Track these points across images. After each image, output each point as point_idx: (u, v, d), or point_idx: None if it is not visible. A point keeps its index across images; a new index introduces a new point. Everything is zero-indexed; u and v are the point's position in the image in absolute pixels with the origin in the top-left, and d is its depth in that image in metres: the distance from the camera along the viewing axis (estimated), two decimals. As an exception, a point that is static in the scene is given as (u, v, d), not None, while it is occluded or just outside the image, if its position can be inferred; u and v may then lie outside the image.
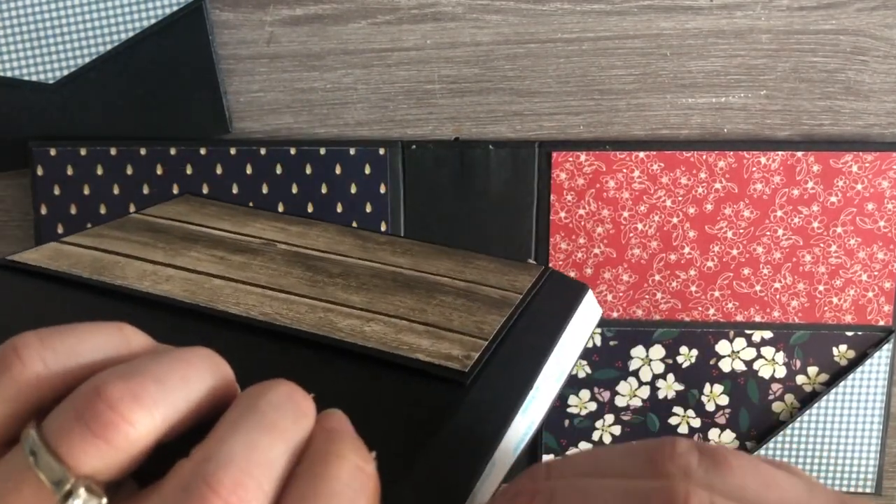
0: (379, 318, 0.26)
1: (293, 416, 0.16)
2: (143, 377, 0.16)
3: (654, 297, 0.50)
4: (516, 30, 0.49)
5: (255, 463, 0.15)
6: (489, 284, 0.30)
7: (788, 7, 0.48)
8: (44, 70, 0.49)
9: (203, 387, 0.17)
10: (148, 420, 0.15)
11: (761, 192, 0.49)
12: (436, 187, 0.50)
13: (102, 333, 0.17)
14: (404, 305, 0.27)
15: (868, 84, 0.49)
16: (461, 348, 0.24)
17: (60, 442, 0.15)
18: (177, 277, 0.27)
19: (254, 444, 0.15)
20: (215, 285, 0.27)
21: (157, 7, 0.48)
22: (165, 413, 0.16)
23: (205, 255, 0.29)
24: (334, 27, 0.49)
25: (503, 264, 0.32)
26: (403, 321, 0.26)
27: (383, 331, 0.25)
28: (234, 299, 0.26)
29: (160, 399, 0.16)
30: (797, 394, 0.51)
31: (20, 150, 0.50)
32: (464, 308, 0.27)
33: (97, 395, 0.15)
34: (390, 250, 0.32)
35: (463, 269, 0.31)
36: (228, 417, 0.16)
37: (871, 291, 0.50)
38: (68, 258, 0.28)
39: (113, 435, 0.15)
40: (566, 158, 0.49)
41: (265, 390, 0.17)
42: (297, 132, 0.50)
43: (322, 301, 0.26)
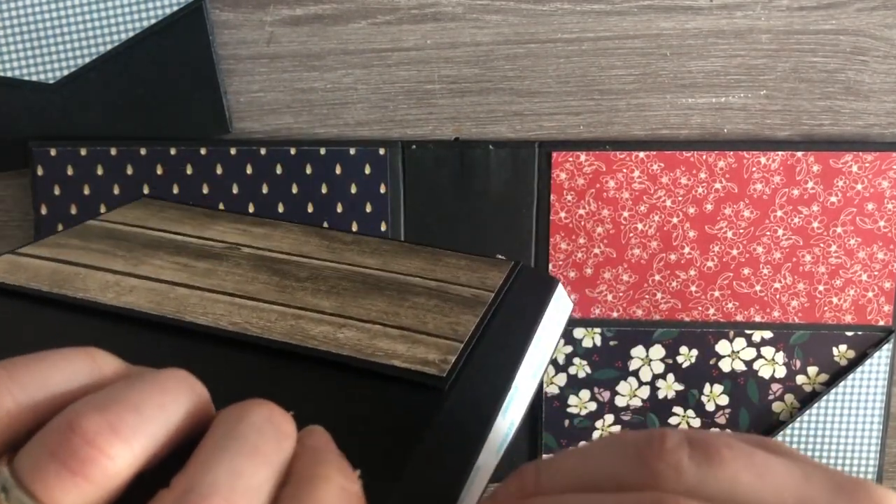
0: (351, 324, 0.25)
1: (275, 439, 0.16)
2: (120, 407, 0.15)
3: (654, 297, 0.50)
4: (516, 30, 0.49)
5: (239, 491, 0.15)
6: (460, 283, 0.29)
7: (788, 7, 0.48)
8: (44, 70, 0.49)
9: (180, 412, 0.16)
10: (127, 452, 0.15)
11: (761, 192, 0.49)
12: (436, 187, 0.50)
13: (73, 361, 0.17)
14: (376, 309, 0.26)
15: (868, 84, 0.49)
16: (437, 352, 0.24)
17: (35, 479, 0.14)
18: (141, 288, 0.26)
19: (237, 471, 0.15)
20: (181, 294, 0.26)
21: (157, 7, 0.48)
22: (144, 443, 0.15)
23: (168, 263, 0.28)
24: (334, 27, 0.49)
25: (472, 261, 0.32)
26: (377, 325, 0.25)
27: (357, 337, 0.24)
28: (202, 309, 0.25)
29: (138, 429, 0.15)
30: (797, 394, 0.51)
31: (20, 150, 0.50)
32: (437, 309, 0.27)
33: (72, 430, 0.14)
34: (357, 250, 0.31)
35: (433, 268, 0.30)
36: (209, 443, 0.16)
37: (871, 291, 0.50)
38: (25, 271, 0.27)
39: (91, 470, 0.14)
40: (566, 158, 0.49)
41: (245, 413, 0.16)
42: (298, 132, 0.50)
43: (292, 307, 0.26)
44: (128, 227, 0.32)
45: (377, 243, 0.32)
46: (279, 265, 0.29)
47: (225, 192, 0.50)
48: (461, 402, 0.22)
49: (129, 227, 0.32)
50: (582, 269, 0.50)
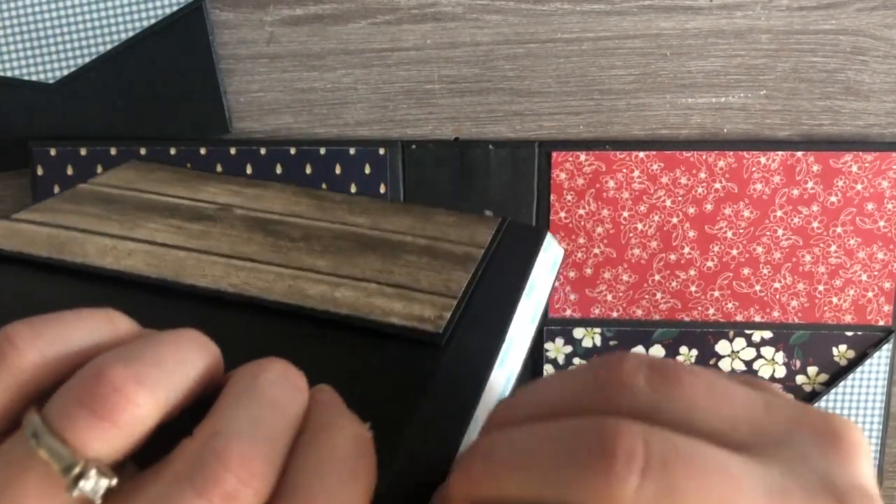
0: (347, 283, 0.25)
1: (291, 392, 0.17)
2: (143, 360, 0.16)
3: (653, 297, 0.50)
4: (516, 30, 0.49)
5: (260, 438, 0.16)
6: (450, 240, 0.30)
7: (788, 7, 0.48)
8: (44, 70, 0.49)
9: (197, 367, 0.17)
10: (150, 401, 0.16)
11: (761, 192, 0.49)
12: (436, 187, 0.50)
13: (92, 320, 0.17)
14: (371, 268, 0.27)
15: (868, 84, 0.49)
16: (432, 309, 0.24)
17: (65, 425, 0.15)
18: (138, 251, 0.27)
19: (257, 419, 0.16)
20: (178, 257, 0.26)
21: (157, 7, 0.48)
22: (166, 394, 0.16)
23: (162, 226, 0.29)
24: (334, 27, 0.49)
25: (461, 217, 0.32)
26: (372, 284, 0.26)
27: (354, 296, 0.25)
28: (200, 271, 0.25)
29: (160, 381, 0.16)
30: (797, 394, 0.51)
31: (20, 150, 0.50)
32: (429, 267, 0.27)
33: (99, 379, 0.15)
34: (348, 209, 0.32)
35: (423, 226, 0.31)
36: (229, 395, 0.17)
37: (870, 291, 0.50)
38: (22, 236, 0.27)
39: (118, 416, 0.15)
40: (566, 158, 0.49)
41: (262, 369, 0.17)
42: (297, 132, 0.50)
43: (288, 268, 0.26)
44: (119, 189, 0.32)
45: (367, 202, 0.33)
46: (272, 226, 0.29)
47: (225, 192, 0.50)
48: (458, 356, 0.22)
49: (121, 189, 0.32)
50: (582, 269, 0.50)
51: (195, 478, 0.15)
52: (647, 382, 0.16)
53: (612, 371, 0.16)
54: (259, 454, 0.15)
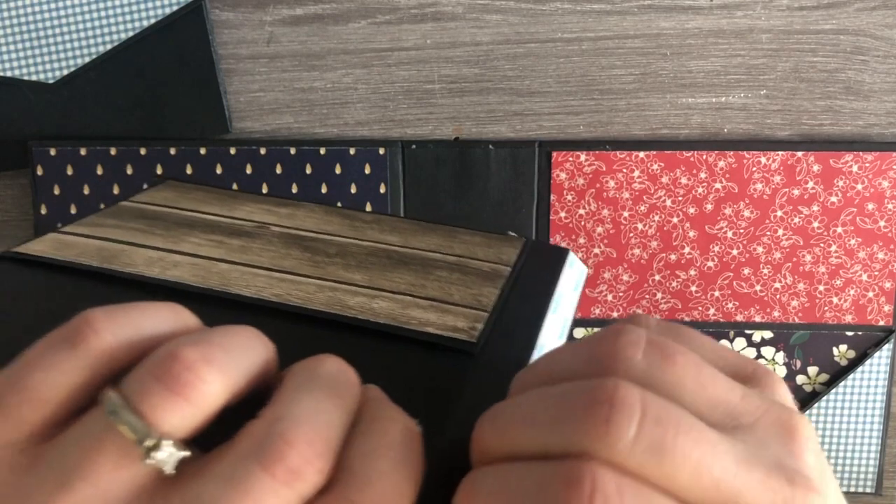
0: (384, 295, 0.27)
1: (346, 386, 0.18)
2: (212, 345, 0.17)
3: (654, 296, 0.50)
4: (516, 30, 0.49)
5: (322, 423, 0.17)
6: (478, 258, 0.31)
7: (788, 7, 0.48)
8: (44, 70, 0.49)
9: (259, 358, 0.18)
10: (220, 381, 0.17)
11: (761, 192, 0.49)
12: (436, 187, 0.50)
13: (161, 310, 0.19)
14: (404, 282, 0.28)
15: (868, 84, 0.49)
16: (465, 320, 0.26)
17: (141, 400, 0.16)
18: (184, 263, 0.28)
19: (318, 407, 0.17)
20: (222, 269, 0.27)
21: (157, 7, 0.48)
22: (233, 377, 0.17)
23: (204, 240, 0.30)
24: (334, 27, 0.49)
25: (486, 237, 0.33)
26: (407, 297, 0.27)
27: (390, 307, 0.26)
28: (244, 282, 0.27)
29: (228, 363, 0.17)
30: (797, 394, 0.51)
31: (20, 150, 0.50)
32: (460, 282, 0.28)
33: (174, 359, 0.16)
34: (378, 228, 0.33)
35: (451, 244, 0.32)
36: (291, 384, 0.18)
37: (871, 291, 0.50)
38: (73, 248, 0.28)
39: (191, 393, 0.16)
40: (566, 158, 0.49)
41: (320, 363, 0.18)
42: (297, 132, 0.50)
43: (327, 280, 0.27)
44: (159, 207, 0.33)
45: (395, 221, 0.34)
46: (308, 242, 0.31)
47: (225, 191, 0.50)
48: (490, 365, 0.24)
49: (161, 207, 0.33)
50: (582, 269, 0.50)
51: (261, 455, 0.16)
52: (644, 357, 0.17)
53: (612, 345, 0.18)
54: (320, 437, 0.16)
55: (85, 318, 0.17)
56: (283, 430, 0.16)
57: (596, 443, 0.16)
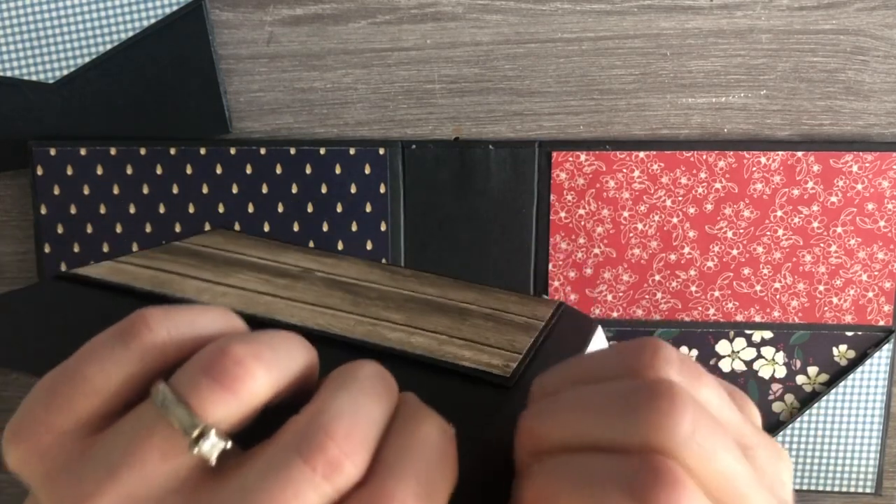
0: (421, 333, 0.28)
1: (385, 386, 0.19)
2: (261, 343, 0.18)
3: (654, 297, 0.50)
4: (516, 30, 0.49)
5: (361, 418, 0.17)
6: (512, 312, 0.32)
7: (788, 7, 0.48)
8: (44, 70, 0.49)
9: (303, 359, 0.19)
10: (267, 377, 0.17)
11: (761, 192, 0.49)
12: (436, 187, 0.50)
13: (212, 312, 0.19)
14: (441, 324, 0.29)
15: (868, 84, 0.49)
16: (500, 359, 0.26)
17: (190, 393, 0.17)
18: (231, 293, 0.29)
19: (358, 403, 0.17)
20: (268, 301, 0.29)
21: (157, 7, 0.48)
22: (279, 374, 0.18)
23: (251, 277, 0.31)
24: (334, 27, 0.49)
25: (521, 297, 0.35)
26: (443, 336, 0.28)
27: (427, 342, 0.27)
28: (289, 313, 0.28)
29: (275, 361, 0.18)
30: (797, 394, 0.51)
31: (20, 150, 0.50)
32: (494, 329, 0.30)
33: (223, 354, 0.17)
34: (417, 282, 0.35)
35: (486, 299, 0.34)
36: (332, 384, 0.18)
37: (871, 291, 0.50)
38: (126, 274, 0.30)
39: (239, 387, 0.17)
40: (566, 158, 0.49)
41: (359, 365, 0.19)
42: (297, 132, 0.50)
43: (367, 317, 0.29)
44: (209, 248, 0.35)
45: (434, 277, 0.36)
46: (350, 287, 0.32)
47: (225, 191, 0.50)
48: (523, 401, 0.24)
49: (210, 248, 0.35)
50: (582, 269, 0.50)
51: (302, 447, 0.16)
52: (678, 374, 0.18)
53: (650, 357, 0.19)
54: (359, 431, 0.17)
55: (140, 315, 0.18)
56: (323, 423, 0.17)
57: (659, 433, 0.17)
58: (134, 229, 0.50)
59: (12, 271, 0.53)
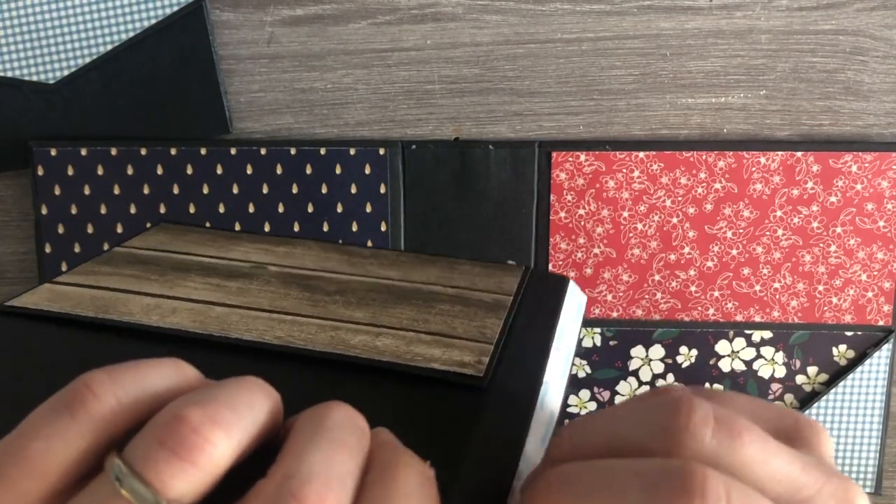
0: (387, 332, 0.26)
1: (356, 433, 0.18)
2: (217, 403, 0.17)
3: (653, 296, 0.50)
4: (516, 30, 0.49)
5: (333, 477, 0.16)
6: (479, 289, 0.31)
7: (788, 7, 0.48)
8: (44, 70, 0.49)
9: (265, 410, 0.18)
10: (227, 442, 0.16)
11: (761, 192, 0.49)
12: (436, 187, 0.50)
13: (163, 367, 0.18)
14: (407, 317, 0.28)
15: (867, 84, 0.49)
16: (471, 354, 0.25)
17: (147, 467, 0.15)
18: (181, 309, 0.27)
19: (329, 460, 0.16)
20: (221, 313, 0.27)
21: (157, 7, 0.48)
22: (240, 436, 0.17)
23: (200, 284, 0.29)
24: (334, 27, 0.49)
25: (486, 267, 0.33)
26: (410, 332, 0.26)
27: (394, 343, 0.25)
28: (245, 325, 0.26)
29: (235, 422, 0.17)
30: (797, 394, 0.51)
31: (20, 150, 0.50)
32: (462, 314, 0.28)
33: (178, 421, 0.16)
34: (377, 263, 0.33)
35: (450, 276, 0.32)
36: (299, 438, 0.17)
37: (870, 291, 0.50)
38: (68, 299, 0.27)
39: (198, 457, 0.16)
40: (566, 158, 0.49)
41: (327, 412, 0.18)
42: (298, 132, 0.51)
43: (328, 320, 0.27)
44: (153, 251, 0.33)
45: (394, 256, 0.34)
46: (307, 281, 0.30)
47: (225, 192, 0.50)
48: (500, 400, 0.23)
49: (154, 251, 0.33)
50: (582, 269, 0.50)
51: None
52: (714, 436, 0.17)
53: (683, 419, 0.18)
54: (332, 493, 0.16)
55: (84, 382, 0.17)
56: (293, 490, 0.15)
57: None
58: (135, 229, 0.50)
59: (13, 271, 0.53)
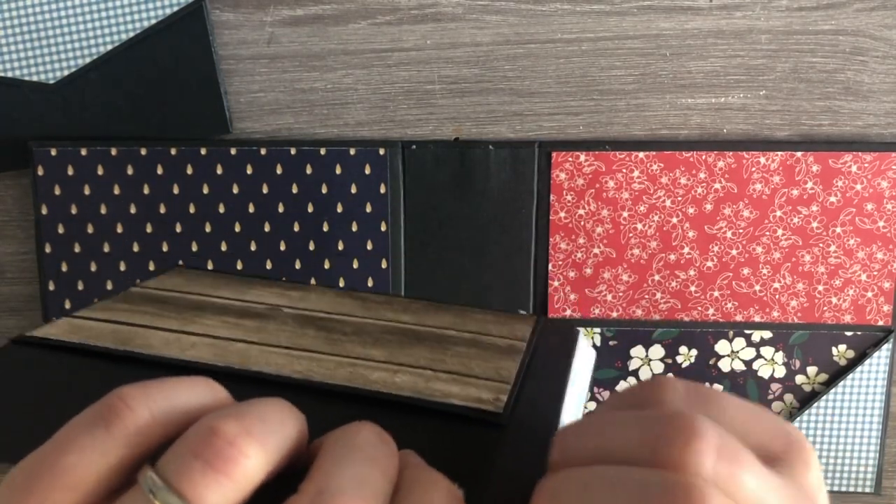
0: (404, 370, 0.27)
1: (386, 451, 0.18)
2: (251, 417, 0.17)
3: (653, 296, 0.50)
4: (516, 30, 0.49)
5: (365, 494, 0.16)
6: (492, 334, 0.31)
7: (788, 7, 0.48)
8: (44, 70, 0.49)
9: (295, 428, 0.18)
10: (262, 454, 0.16)
11: (761, 192, 0.49)
12: (436, 187, 0.50)
13: (195, 384, 0.18)
14: (423, 357, 0.28)
15: (867, 84, 0.49)
16: (489, 392, 0.25)
17: (181, 479, 0.15)
18: (201, 343, 0.28)
19: (360, 476, 0.16)
20: (240, 348, 0.27)
21: (157, 7, 0.49)
22: (273, 450, 0.17)
23: (218, 322, 0.30)
24: (334, 27, 0.49)
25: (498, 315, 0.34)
26: (427, 371, 0.27)
27: (413, 380, 0.26)
28: (264, 360, 0.26)
29: (268, 436, 0.17)
30: (796, 393, 0.51)
31: (21, 150, 0.50)
32: (478, 356, 0.28)
33: (214, 434, 0.16)
34: (390, 308, 0.33)
35: (464, 322, 0.32)
36: (330, 455, 0.17)
37: (870, 291, 0.50)
38: (87, 331, 0.28)
39: (233, 469, 0.16)
40: (566, 158, 0.49)
41: (358, 429, 0.18)
42: (298, 132, 0.51)
43: (346, 357, 0.27)
44: (169, 292, 0.33)
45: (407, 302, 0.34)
46: (323, 322, 0.31)
47: (225, 192, 0.50)
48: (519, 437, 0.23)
49: (171, 292, 0.33)
50: (582, 269, 0.50)
51: None
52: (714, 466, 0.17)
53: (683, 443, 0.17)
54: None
55: (119, 395, 0.17)
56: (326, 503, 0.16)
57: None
58: (134, 229, 0.50)
59: (13, 271, 0.53)
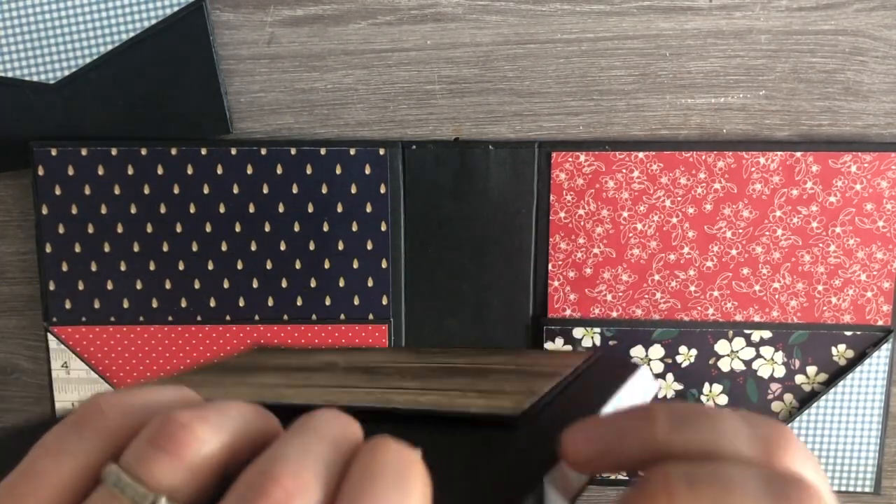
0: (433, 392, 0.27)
1: (340, 428, 0.18)
2: (209, 408, 0.18)
3: (653, 296, 0.51)
4: (516, 30, 0.49)
5: (310, 458, 0.17)
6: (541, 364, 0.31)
7: (787, 7, 0.48)
8: (44, 70, 0.49)
9: (256, 423, 0.19)
10: (215, 438, 0.17)
11: (760, 192, 0.49)
12: (436, 187, 0.50)
13: (168, 390, 0.19)
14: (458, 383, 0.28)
15: (867, 84, 0.49)
16: (512, 402, 0.25)
17: (139, 466, 0.17)
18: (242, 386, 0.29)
19: (307, 446, 0.17)
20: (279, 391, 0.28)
21: (157, 7, 0.49)
22: (228, 435, 0.18)
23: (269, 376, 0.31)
24: (335, 28, 0.49)
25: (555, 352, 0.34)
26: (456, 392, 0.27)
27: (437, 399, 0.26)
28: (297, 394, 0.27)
29: (223, 423, 0.18)
30: (796, 393, 0.51)
31: (21, 150, 0.50)
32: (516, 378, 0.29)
33: (168, 421, 0.17)
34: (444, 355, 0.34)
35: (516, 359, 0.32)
36: (286, 433, 0.18)
37: (869, 291, 0.50)
38: None
39: (184, 450, 0.17)
40: (566, 159, 0.49)
41: (316, 413, 0.19)
42: (298, 132, 0.51)
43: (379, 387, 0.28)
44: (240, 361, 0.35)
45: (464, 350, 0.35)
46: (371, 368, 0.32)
47: (225, 192, 0.50)
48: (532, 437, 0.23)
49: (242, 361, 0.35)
50: (582, 269, 0.50)
51: (247, 496, 0.16)
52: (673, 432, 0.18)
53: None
54: (307, 470, 0.16)
55: (93, 401, 0.18)
56: (268, 470, 0.16)
57: None
58: (135, 229, 0.50)
59: (13, 271, 0.53)
